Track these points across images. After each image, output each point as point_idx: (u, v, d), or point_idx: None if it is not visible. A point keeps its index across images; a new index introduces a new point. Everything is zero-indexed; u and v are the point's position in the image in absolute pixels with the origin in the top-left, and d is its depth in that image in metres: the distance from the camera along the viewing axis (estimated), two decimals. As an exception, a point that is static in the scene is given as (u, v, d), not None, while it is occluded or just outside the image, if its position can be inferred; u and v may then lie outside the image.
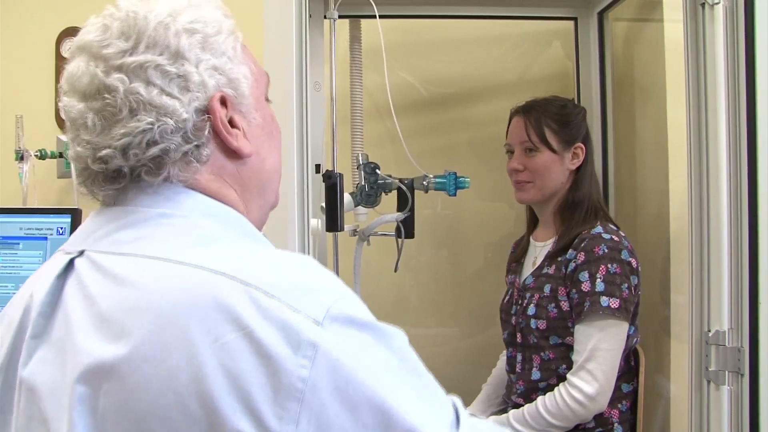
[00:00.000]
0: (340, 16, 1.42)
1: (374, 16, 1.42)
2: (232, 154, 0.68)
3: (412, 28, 1.94)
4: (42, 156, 1.95)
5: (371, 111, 1.85)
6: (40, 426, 0.57)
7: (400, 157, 1.57)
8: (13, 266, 1.67)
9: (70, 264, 0.63)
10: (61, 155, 2.02)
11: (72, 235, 0.68)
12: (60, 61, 2.08)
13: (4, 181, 2.04)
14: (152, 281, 0.57)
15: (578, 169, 1.48)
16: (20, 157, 1.90)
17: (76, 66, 0.64)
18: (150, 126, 0.61)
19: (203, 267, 0.57)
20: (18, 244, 1.68)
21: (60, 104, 0.66)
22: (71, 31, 2.08)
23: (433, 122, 1.99)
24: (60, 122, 2.07)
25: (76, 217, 1.68)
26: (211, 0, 0.70)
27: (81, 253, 0.63)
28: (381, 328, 0.59)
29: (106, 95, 0.62)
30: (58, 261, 0.64)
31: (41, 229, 1.68)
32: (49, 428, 0.57)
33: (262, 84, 0.74)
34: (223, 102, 0.66)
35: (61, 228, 1.68)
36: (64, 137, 2.08)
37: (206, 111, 0.64)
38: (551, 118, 1.47)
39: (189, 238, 0.62)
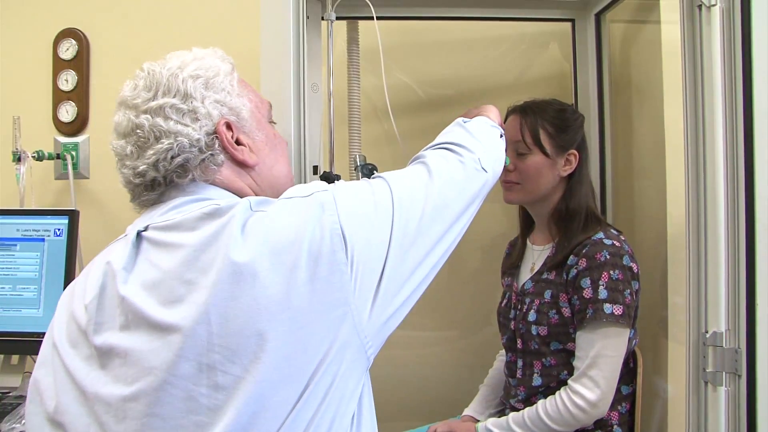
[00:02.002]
0: (337, 18, 1.42)
1: (372, 18, 1.42)
2: (241, 164, 0.91)
3: (410, 30, 1.94)
4: (39, 157, 1.95)
5: (369, 112, 1.85)
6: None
7: (398, 159, 1.56)
8: (10, 268, 1.67)
9: (138, 236, 0.83)
10: (58, 156, 2.01)
11: (131, 226, 0.88)
12: (57, 63, 2.07)
13: (2, 182, 2.04)
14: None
15: (570, 176, 1.46)
16: (17, 159, 1.90)
17: (118, 116, 0.89)
18: (170, 145, 0.85)
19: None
20: (15, 245, 1.68)
21: (110, 146, 0.90)
22: (69, 33, 2.07)
23: (430, 124, 1.99)
24: (57, 123, 2.07)
25: (73, 218, 1.68)
26: (214, 51, 0.94)
27: (146, 228, 0.83)
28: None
29: (138, 131, 0.86)
30: (128, 237, 0.83)
31: (38, 230, 1.68)
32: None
33: (263, 109, 0.97)
34: (229, 126, 0.89)
35: (59, 229, 1.67)
36: (61, 139, 2.07)
37: (214, 132, 0.88)
38: (548, 120, 1.45)
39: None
